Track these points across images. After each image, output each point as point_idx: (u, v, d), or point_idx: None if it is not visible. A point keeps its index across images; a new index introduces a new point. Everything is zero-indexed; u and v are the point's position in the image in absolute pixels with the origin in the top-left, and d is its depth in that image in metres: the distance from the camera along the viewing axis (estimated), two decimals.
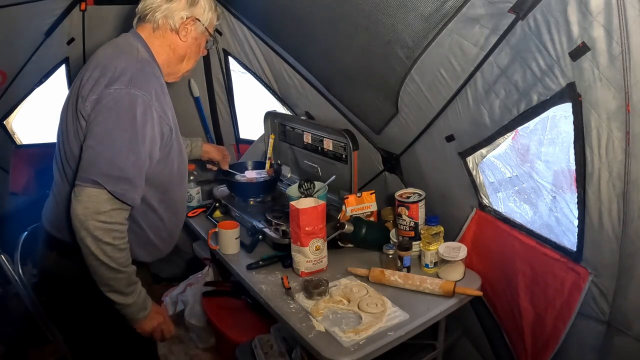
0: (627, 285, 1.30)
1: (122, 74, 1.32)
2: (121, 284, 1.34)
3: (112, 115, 1.28)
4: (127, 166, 1.29)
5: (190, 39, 1.52)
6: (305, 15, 1.92)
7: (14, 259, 1.86)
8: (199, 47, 1.58)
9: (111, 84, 1.30)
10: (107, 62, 1.37)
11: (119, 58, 1.37)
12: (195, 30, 1.52)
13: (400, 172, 2.13)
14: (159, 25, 1.48)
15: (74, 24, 2.54)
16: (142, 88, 1.32)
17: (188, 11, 1.49)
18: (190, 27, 1.50)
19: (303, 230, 1.67)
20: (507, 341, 1.76)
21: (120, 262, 1.32)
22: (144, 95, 1.31)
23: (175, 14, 1.47)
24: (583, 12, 1.13)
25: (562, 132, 1.50)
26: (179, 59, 1.54)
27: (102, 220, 1.26)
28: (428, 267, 1.75)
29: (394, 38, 1.64)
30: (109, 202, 1.27)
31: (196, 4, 1.50)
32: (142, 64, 1.38)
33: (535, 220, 1.67)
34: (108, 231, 1.27)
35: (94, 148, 1.28)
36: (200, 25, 1.52)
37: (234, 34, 2.59)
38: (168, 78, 1.55)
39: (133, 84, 1.31)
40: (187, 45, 1.53)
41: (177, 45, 1.51)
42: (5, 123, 2.79)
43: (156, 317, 1.47)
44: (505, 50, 1.38)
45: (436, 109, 1.71)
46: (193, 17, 1.49)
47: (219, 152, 2.25)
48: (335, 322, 1.49)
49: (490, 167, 1.76)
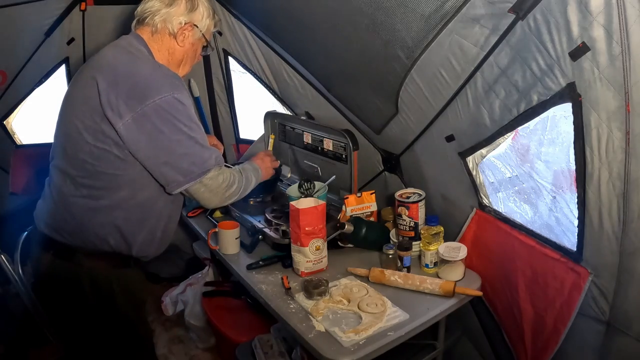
0: (627, 285, 1.30)
1: (157, 81, 1.40)
2: (251, 185, 1.72)
3: (170, 123, 1.38)
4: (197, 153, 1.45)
5: (188, 44, 1.55)
6: (305, 16, 1.92)
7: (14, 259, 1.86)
8: (196, 52, 1.61)
9: (154, 94, 1.36)
10: (129, 69, 1.41)
11: (142, 65, 1.44)
12: (192, 36, 1.55)
13: (400, 172, 2.12)
14: (158, 29, 1.50)
15: (74, 24, 2.54)
16: (179, 89, 1.42)
17: (187, 17, 1.52)
18: (188, 33, 1.53)
19: (303, 230, 1.67)
20: (507, 341, 1.76)
21: (253, 180, 1.72)
22: (183, 94, 1.42)
23: (174, 19, 1.50)
24: (583, 12, 1.13)
25: (562, 132, 1.50)
26: (177, 64, 1.57)
27: (223, 191, 1.54)
28: (428, 267, 1.75)
29: (394, 38, 1.64)
30: (214, 180, 1.49)
31: (195, 10, 1.53)
32: (164, 67, 1.49)
33: (535, 220, 1.67)
34: (232, 188, 1.57)
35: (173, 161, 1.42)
36: (198, 32, 1.55)
37: (234, 34, 2.59)
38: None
39: (173, 88, 1.40)
40: (185, 50, 1.56)
41: (175, 50, 1.54)
42: (5, 123, 2.79)
43: (264, 162, 1.88)
44: (505, 50, 1.38)
45: (436, 109, 1.71)
46: (191, 22, 1.52)
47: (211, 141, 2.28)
48: (335, 322, 1.49)
49: (490, 167, 1.76)
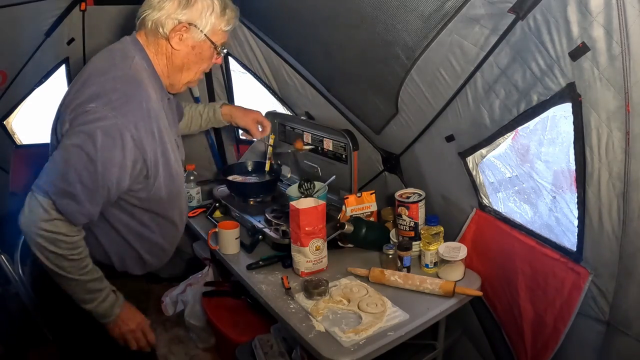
0: (627, 285, 1.29)
1: (103, 92, 1.23)
2: (74, 290, 1.30)
3: (81, 134, 1.20)
4: (76, 183, 1.21)
5: (186, 47, 1.38)
6: (305, 15, 1.92)
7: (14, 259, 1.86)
8: (201, 56, 1.42)
9: (89, 101, 1.22)
10: (94, 75, 1.29)
11: (107, 73, 1.29)
12: (191, 38, 1.37)
13: (400, 172, 2.12)
14: (151, 32, 1.37)
15: (74, 24, 2.54)
16: (119, 111, 1.22)
17: (180, 15, 1.34)
18: (184, 34, 1.36)
19: (303, 230, 1.67)
20: (507, 341, 1.76)
21: (69, 271, 1.26)
22: (118, 119, 1.21)
23: (166, 20, 1.34)
24: (583, 12, 1.13)
25: (562, 132, 1.50)
26: (176, 70, 1.42)
27: (44, 228, 1.22)
28: (428, 267, 1.75)
29: (394, 38, 1.64)
30: (54, 211, 1.22)
31: (191, 7, 1.34)
32: (128, 83, 1.28)
33: (535, 220, 1.67)
34: (52, 240, 1.23)
35: (53, 159, 1.24)
36: (197, 32, 1.37)
37: (233, 34, 2.58)
38: (170, 89, 1.47)
39: (111, 105, 1.21)
40: (183, 55, 1.39)
41: (173, 54, 1.39)
42: (5, 123, 2.79)
43: (125, 324, 1.40)
44: (505, 50, 1.38)
45: (436, 109, 1.71)
46: (186, 22, 1.35)
47: (248, 117, 1.97)
48: (335, 322, 1.49)
49: (490, 167, 1.76)
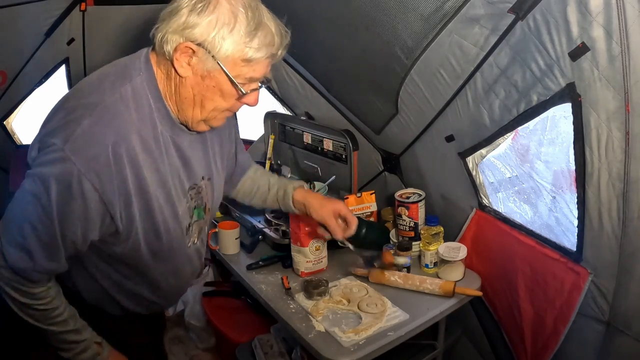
0: (627, 285, 1.30)
1: (67, 124, 0.98)
2: (47, 337, 1.14)
3: (37, 180, 0.99)
4: (31, 238, 1.02)
5: (194, 77, 1.05)
6: (305, 16, 1.92)
7: None
8: (216, 91, 1.07)
9: (52, 135, 0.98)
10: (72, 96, 1.07)
11: (83, 97, 1.04)
12: (201, 64, 1.03)
13: (400, 172, 2.12)
14: (159, 49, 1.06)
15: (74, 24, 2.54)
16: (80, 154, 0.96)
17: (186, 30, 1.00)
18: (191, 58, 1.03)
19: (303, 231, 1.67)
20: (507, 341, 1.76)
21: (37, 319, 1.10)
22: (77, 165, 0.96)
23: (170, 36, 1.02)
24: (582, 12, 1.13)
25: (562, 132, 1.50)
26: (186, 103, 1.09)
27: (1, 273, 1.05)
28: (428, 267, 1.75)
29: (394, 38, 1.64)
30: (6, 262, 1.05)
31: (200, 18, 1.00)
32: (99, 117, 0.99)
33: (535, 220, 1.67)
34: (12, 287, 1.06)
35: (14, 200, 1.03)
36: (208, 57, 1.02)
37: None
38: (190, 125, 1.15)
39: (71, 144, 0.96)
40: (192, 85, 1.06)
41: (180, 82, 1.07)
42: (5, 123, 2.79)
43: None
44: (505, 51, 1.38)
45: (436, 109, 1.71)
46: (191, 41, 1.01)
47: (326, 208, 1.48)
48: (335, 322, 1.49)
49: (490, 167, 1.76)
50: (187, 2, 1.01)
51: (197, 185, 1.23)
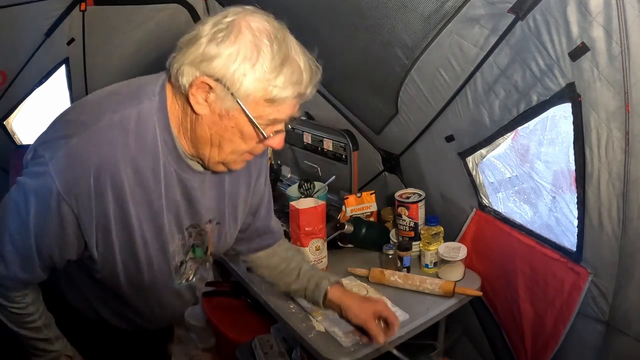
0: (626, 285, 1.30)
1: (58, 138, 0.92)
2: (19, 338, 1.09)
3: (20, 191, 0.95)
4: (7, 243, 0.98)
5: (212, 115, 0.93)
6: (305, 16, 1.92)
7: None
8: (236, 132, 0.95)
9: (45, 146, 0.93)
10: (76, 107, 1.00)
11: (89, 112, 0.95)
12: (218, 102, 0.91)
13: (400, 172, 2.12)
14: (175, 80, 0.94)
15: (74, 24, 2.54)
16: (62, 175, 0.90)
17: (203, 64, 0.89)
18: (209, 95, 0.91)
19: (303, 231, 1.67)
20: (507, 341, 1.76)
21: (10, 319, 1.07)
22: (58, 185, 0.90)
23: (186, 68, 0.91)
24: (582, 13, 1.13)
25: (562, 132, 1.50)
26: (202, 141, 0.98)
27: None
28: (428, 267, 1.75)
29: (394, 38, 1.64)
30: None
31: (217, 56, 0.88)
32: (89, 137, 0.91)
33: (535, 220, 1.67)
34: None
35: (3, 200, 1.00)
36: (227, 95, 0.90)
37: None
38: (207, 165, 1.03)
39: (55, 162, 0.89)
40: (209, 124, 0.95)
41: (196, 120, 0.95)
42: (5, 123, 2.79)
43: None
44: (505, 51, 1.38)
45: (436, 109, 1.71)
46: (208, 76, 0.90)
47: (366, 311, 1.29)
48: (335, 322, 1.49)
49: (490, 167, 1.76)
50: (207, 31, 0.90)
51: (200, 227, 1.12)
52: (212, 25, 0.90)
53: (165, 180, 1.00)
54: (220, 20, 0.91)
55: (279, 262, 1.38)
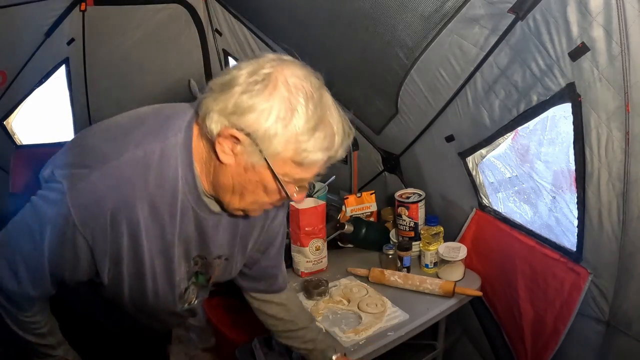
0: (626, 285, 1.30)
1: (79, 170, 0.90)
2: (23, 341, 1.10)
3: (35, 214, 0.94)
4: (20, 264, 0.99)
5: (236, 166, 0.91)
6: (305, 16, 1.92)
7: None
8: (259, 185, 0.93)
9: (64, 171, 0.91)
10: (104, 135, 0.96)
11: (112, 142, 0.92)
12: (245, 155, 0.89)
13: (400, 172, 2.13)
14: (201, 123, 0.91)
15: (74, 25, 2.54)
16: (81, 210, 0.89)
17: (233, 116, 0.86)
18: (231, 145, 0.89)
19: (303, 231, 1.67)
20: (507, 341, 1.76)
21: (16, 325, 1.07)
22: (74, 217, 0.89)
23: (216, 116, 0.87)
24: (582, 13, 1.13)
25: (562, 132, 1.50)
26: (223, 188, 0.96)
27: None
28: (428, 267, 1.75)
29: (394, 38, 1.64)
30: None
31: (249, 110, 0.85)
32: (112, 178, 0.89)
33: (535, 220, 1.67)
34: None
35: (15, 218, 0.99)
36: (255, 151, 0.87)
37: (233, 34, 2.58)
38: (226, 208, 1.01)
39: (74, 195, 0.88)
40: (233, 174, 0.92)
41: (219, 167, 0.93)
42: (5, 123, 2.78)
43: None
44: (505, 51, 1.38)
45: (436, 109, 1.71)
46: (238, 129, 0.86)
47: None
48: (335, 322, 1.49)
49: (490, 167, 1.76)
50: (242, 79, 0.87)
51: (207, 260, 1.11)
52: (247, 74, 0.87)
53: (181, 216, 0.98)
54: (257, 70, 0.88)
55: (280, 311, 1.37)
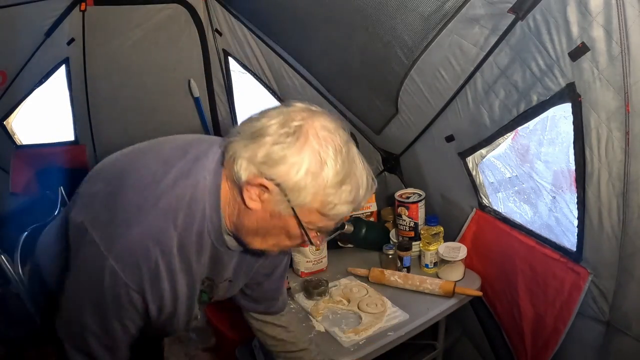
0: (626, 285, 1.29)
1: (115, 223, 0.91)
2: None
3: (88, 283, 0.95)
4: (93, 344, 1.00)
5: (262, 212, 0.93)
6: (305, 16, 1.92)
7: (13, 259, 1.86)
8: (283, 231, 0.96)
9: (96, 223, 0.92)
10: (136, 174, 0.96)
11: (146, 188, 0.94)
12: (271, 203, 0.91)
13: (400, 172, 2.13)
14: (228, 166, 0.94)
15: (74, 24, 2.54)
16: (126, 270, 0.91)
17: (263, 165, 0.88)
18: (259, 192, 0.91)
19: None
20: (507, 341, 1.76)
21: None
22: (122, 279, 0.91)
23: (245, 164, 0.90)
24: (582, 13, 1.13)
25: (562, 132, 1.50)
26: (246, 231, 0.98)
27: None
28: (428, 267, 1.75)
29: (394, 38, 1.64)
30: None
31: (279, 163, 0.87)
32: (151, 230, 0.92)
33: (535, 220, 1.67)
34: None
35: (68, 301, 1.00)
36: (282, 200, 0.90)
37: (234, 34, 2.59)
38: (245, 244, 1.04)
39: (116, 255, 0.90)
40: (257, 219, 0.95)
41: (244, 211, 0.95)
42: (5, 123, 2.79)
43: None
44: (505, 51, 1.38)
45: (436, 109, 1.71)
46: (267, 178, 0.88)
47: None
48: (335, 322, 1.49)
49: (490, 167, 1.76)
50: (273, 130, 0.89)
51: (215, 282, 1.14)
52: (279, 125, 0.89)
53: (204, 248, 1.01)
54: (288, 122, 0.90)
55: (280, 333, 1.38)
